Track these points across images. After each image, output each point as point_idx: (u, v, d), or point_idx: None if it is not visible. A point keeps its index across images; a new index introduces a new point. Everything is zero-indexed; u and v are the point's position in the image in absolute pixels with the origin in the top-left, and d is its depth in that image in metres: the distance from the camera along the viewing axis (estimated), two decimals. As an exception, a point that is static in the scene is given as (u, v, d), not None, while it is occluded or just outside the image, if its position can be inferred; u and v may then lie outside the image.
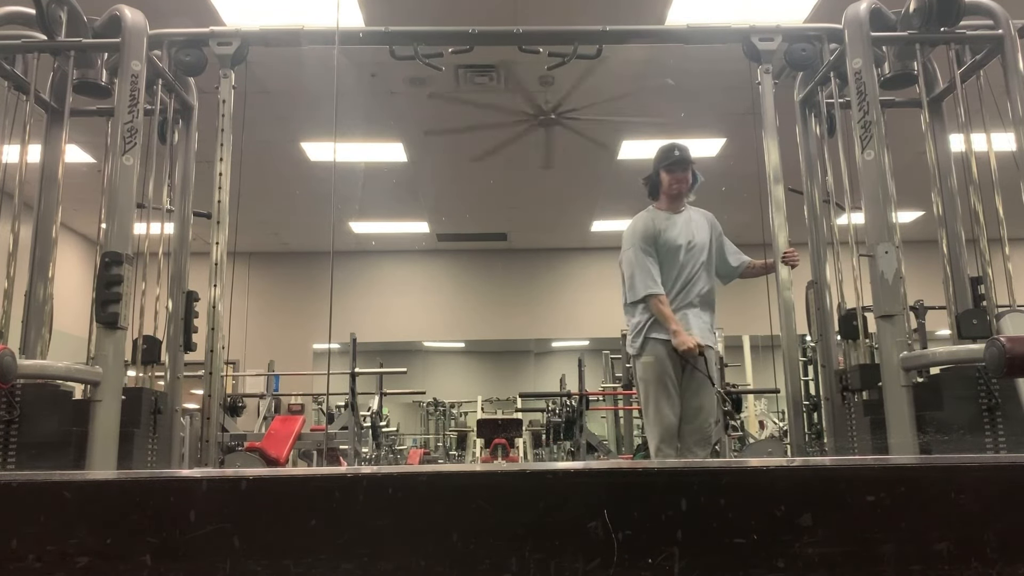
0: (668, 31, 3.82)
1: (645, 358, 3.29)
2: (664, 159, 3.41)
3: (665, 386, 3.24)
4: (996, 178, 2.66)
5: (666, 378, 3.24)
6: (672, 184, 3.39)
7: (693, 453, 3.27)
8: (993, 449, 2.31)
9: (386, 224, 8.58)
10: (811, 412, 4.53)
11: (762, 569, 0.71)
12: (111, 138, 2.67)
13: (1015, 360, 1.84)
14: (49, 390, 2.53)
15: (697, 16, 4.32)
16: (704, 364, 3.23)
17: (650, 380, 3.27)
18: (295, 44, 3.04)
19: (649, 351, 3.27)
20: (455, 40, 3.13)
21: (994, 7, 2.70)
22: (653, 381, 3.26)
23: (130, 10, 2.72)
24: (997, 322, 2.55)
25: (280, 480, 0.78)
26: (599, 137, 6.02)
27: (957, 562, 0.72)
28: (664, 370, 3.24)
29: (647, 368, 3.28)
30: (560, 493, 0.74)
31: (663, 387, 3.24)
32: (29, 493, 0.75)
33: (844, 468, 0.79)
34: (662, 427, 3.23)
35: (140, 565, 0.71)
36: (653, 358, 3.26)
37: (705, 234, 3.41)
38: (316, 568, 0.71)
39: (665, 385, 3.24)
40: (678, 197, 3.43)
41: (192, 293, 2.98)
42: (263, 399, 6.80)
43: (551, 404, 7.77)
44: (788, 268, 2.94)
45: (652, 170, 3.46)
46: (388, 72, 5.07)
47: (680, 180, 3.39)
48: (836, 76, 2.86)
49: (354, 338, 6.20)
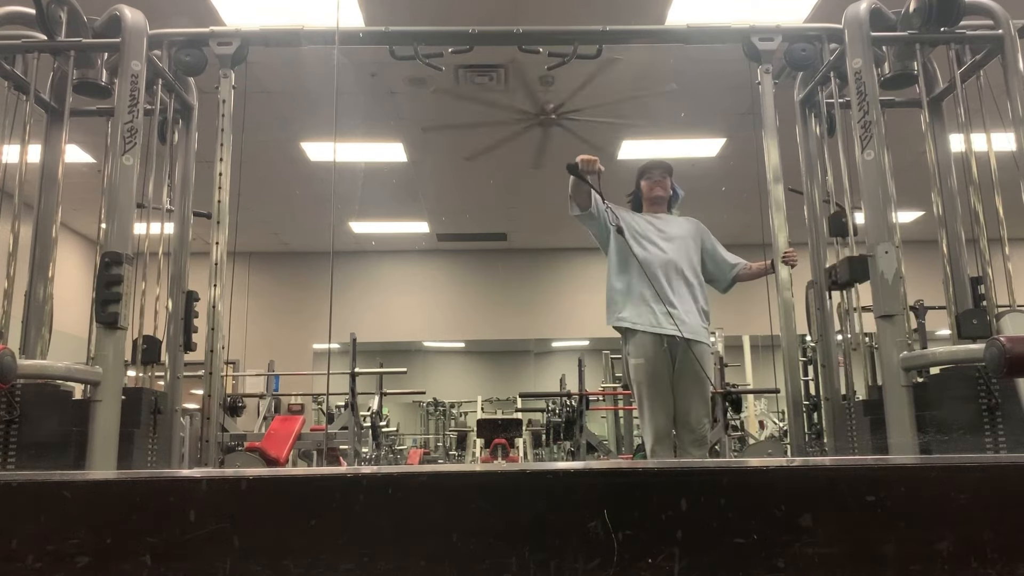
0: (668, 31, 3.81)
1: (635, 360, 3.28)
2: (643, 173, 3.51)
3: (656, 387, 3.23)
4: (996, 178, 2.66)
5: (657, 379, 3.23)
6: (652, 189, 3.45)
7: (689, 454, 3.27)
8: (993, 449, 2.30)
9: (386, 224, 8.58)
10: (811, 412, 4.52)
11: (762, 569, 0.71)
12: (111, 138, 2.67)
13: (1015, 360, 1.84)
14: (49, 390, 2.53)
15: (697, 16, 4.32)
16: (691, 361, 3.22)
17: (642, 381, 3.27)
18: (295, 44, 3.04)
19: (639, 351, 3.26)
20: (455, 40, 3.13)
21: (994, 7, 2.70)
22: (645, 382, 3.25)
23: (130, 10, 2.72)
24: (997, 322, 2.55)
25: (280, 480, 0.78)
26: (599, 137, 6.02)
27: (957, 562, 0.72)
28: (655, 371, 3.23)
29: (638, 370, 3.28)
30: (560, 493, 0.74)
31: (654, 388, 3.23)
32: (29, 493, 0.75)
33: (844, 468, 0.79)
34: (655, 428, 3.23)
35: (140, 565, 0.71)
36: (643, 359, 3.25)
37: (684, 232, 3.41)
38: (316, 568, 0.71)
39: (656, 386, 3.23)
40: (659, 203, 3.47)
41: (192, 293, 2.98)
42: (263, 399, 6.79)
43: (551, 404, 7.77)
44: (788, 268, 2.94)
45: (634, 185, 3.54)
46: (388, 72, 5.07)
47: (658, 184, 3.45)
48: (836, 76, 2.86)
49: (354, 338, 6.20)
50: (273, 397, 6.86)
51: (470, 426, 9.84)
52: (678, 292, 3.28)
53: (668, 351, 3.23)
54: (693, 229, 3.45)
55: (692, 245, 3.40)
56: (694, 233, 3.44)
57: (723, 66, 4.36)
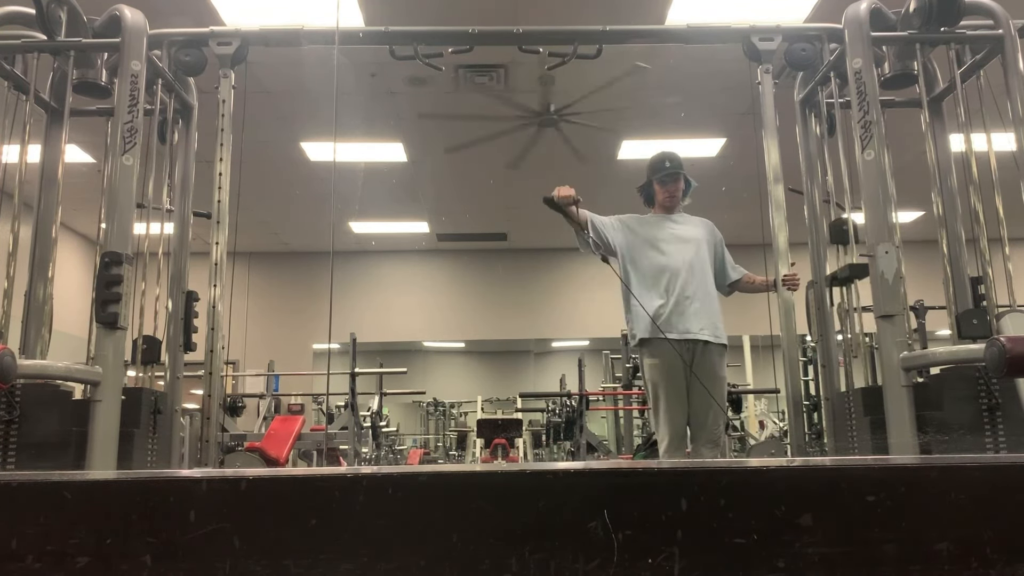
0: (668, 31, 3.82)
1: (650, 360, 3.27)
2: (656, 171, 3.43)
3: (672, 387, 3.21)
4: (996, 178, 2.66)
5: (672, 379, 3.21)
6: (666, 197, 3.43)
7: (701, 454, 3.25)
8: (993, 449, 2.31)
9: (386, 224, 8.57)
10: (811, 412, 4.53)
11: (762, 569, 0.71)
12: (111, 138, 2.67)
13: (1015, 360, 1.84)
14: (49, 390, 2.53)
15: (697, 16, 4.32)
16: (709, 361, 3.22)
17: (657, 381, 3.24)
18: (295, 44, 3.04)
19: (654, 352, 3.25)
20: (455, 40, 3.13)
21: (994, 7, 2.70)
22: (660, 382, 3.23)
23: (130, 10, 2.72)
24: (997, 322, 2.55)
25: (280, 480, 0.78)
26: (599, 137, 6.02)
27: (957, 562, 0.72)
28: (671, 371, 3.21)
29: (653, 369, 3.26)
30: (560, 493, 0.74)
31: (670, 388, 3.21)
32: (29, 493, 0.75)
33: (844, 468, 0.79)
34: (671, 428, 3.20)
35: (140, 565, 0.71)
36: (659, 359, 3.23)
37: (698, 234, 3.39)
38: (316, 568, 0.71)
39: (672, 386, 3.21)
40: (673, 206, 3.46)
41: (192, 293, 2.98)
42: (263, 399, 6.79)
43: (551, 404, 7.77)
44: (788, 265, 2.94)
45: (645, 179, 3.49)
46: (388, 72, 5.07)
47: (673, 192, 3.42)
48: (836, 76, 2.86)
49: (354, 338, 6.20)
50: (273, 397, 6.86)
51: (470, 426, 9.83)
52: (694, 294, 3.28)
53: (684, 351, 3.21)
54: (707, 232, 3.44)
55: (706, 248, 3.39)
56: (707, 236, 3.43)
57: (723, 66, 4.36)
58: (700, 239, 3.38)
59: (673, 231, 3.38)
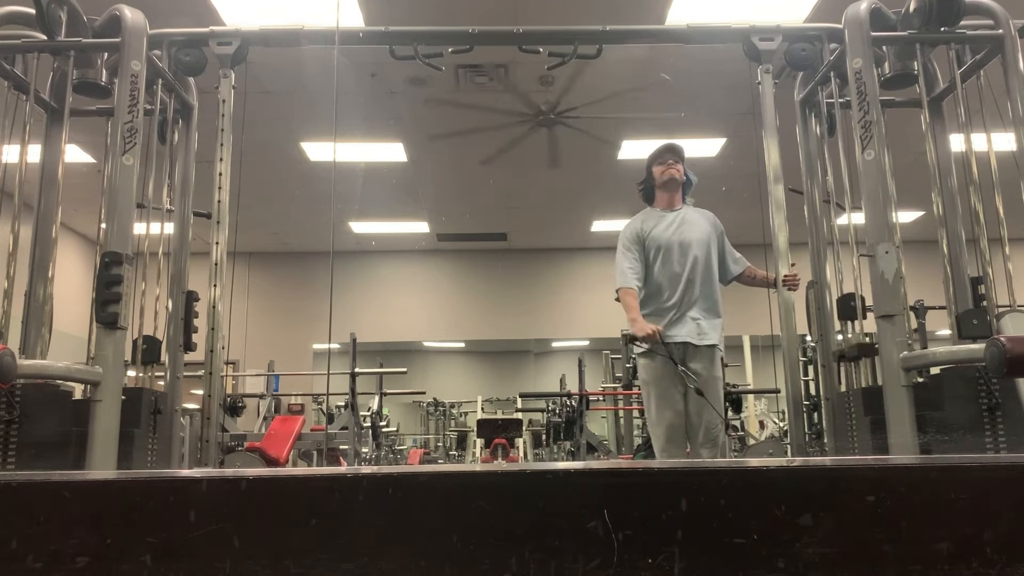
0: (668, 31, 3.81)
1: (645, 360, 3.28)
2: (653, 155, 3.46)
3: (666, 387, 3.22)
4: (996, 178, 2.66)
5: (667, 379, 3.22)
6: (663, 173, 3.40)
7: (699, 454, 3.26)
8: (993, 449, 2.30)
9: (386, 224, 8.57)
10: (811, 412, 4.52)
11: (762, 569, 0.71)
12: (111, 138, 2.67)
13: (1015, 360, 1.84)
14: (49, 390, 2.53)
15: (697, 16, 4.32)
16: (699, 362, 3.22)
17: (651, 381, 3.26)
18: (295, 44, 3.04)
19: (648, 352, 3.26)
20: (455, 40, 3.13)
21: (994, 7, 2.69)
22: (654, 382, 3.25)
23: (130, 10, 2.72)
24: (997, 322, 2.54)
25: (280, 480, 0.78)
26: (599, 137, 6.02)
27: (957, 562, 0.72)
28: (665, 371, 3.22)
29: (648, 369, 3.28)
30: (560, 493, 0.74)
31: (664, 388, 3.23)
32: (29, 493, 0.75)
33: (844, 468, 0.79)
34: (665, 427, 3.21)
35: (140, 565, 0.71)
36: (654, 359, 3.25)
37: (703, 232, 3.38)
38: (316, 568, 0.71)
39: (666, 386, 3.23)
40: (672, 189, 3.42)
41: (192, 293, 2.98)
42: (263, 399, 6.79)
43: (551, 404, 7.76)
44: (788, 265, 2.94)
45: (644, 172, 3.49)
46: (388, 72, 5.06)
47: (671, 167, 3.39)
48: (836, 76, 2.86)
49: (354, 338, 6.20)
50: (273, 397, 6.86)
51: (470, 426, 9.84)
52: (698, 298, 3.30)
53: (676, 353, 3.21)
54: (710, 228, 3.43)
55: (711, 245, 3.39)
56: (711, 232, 3.42)
57: (723, 66, 4.35)
58: (704, 239, 3.37)
59: (682, 233, 3.36)
